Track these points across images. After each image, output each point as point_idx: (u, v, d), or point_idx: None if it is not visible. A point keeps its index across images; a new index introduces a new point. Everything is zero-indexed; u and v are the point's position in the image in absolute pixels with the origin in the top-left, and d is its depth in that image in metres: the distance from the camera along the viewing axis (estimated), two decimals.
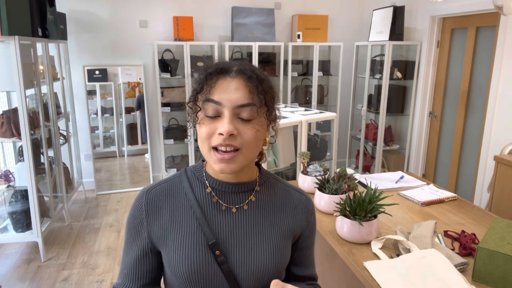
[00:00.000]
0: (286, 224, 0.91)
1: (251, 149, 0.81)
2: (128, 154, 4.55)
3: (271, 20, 4.25)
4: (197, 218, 0.85)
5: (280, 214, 0.91)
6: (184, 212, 0.86)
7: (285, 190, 0.95)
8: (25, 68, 2.65)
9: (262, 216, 0.89)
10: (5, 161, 3.41)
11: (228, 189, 0.88)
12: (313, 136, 3.35)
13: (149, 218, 0.86)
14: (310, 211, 0.96)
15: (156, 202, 0.87)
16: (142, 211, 0.86)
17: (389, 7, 3.89)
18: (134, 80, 4.29)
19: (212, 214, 0.86)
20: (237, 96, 0.78)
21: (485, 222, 1.65)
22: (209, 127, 0.80)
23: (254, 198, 0.90)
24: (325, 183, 1.74)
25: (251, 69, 0.82)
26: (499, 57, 2.85)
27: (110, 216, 3.68)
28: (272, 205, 0.91)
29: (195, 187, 0.89)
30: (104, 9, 4.02)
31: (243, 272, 0.84)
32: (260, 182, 0.92)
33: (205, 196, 0.88)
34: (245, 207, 0.89)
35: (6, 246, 3.11)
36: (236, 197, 0.89)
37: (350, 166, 4.86)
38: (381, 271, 1.25)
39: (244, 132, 0.79)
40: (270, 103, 0.83)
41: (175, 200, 0.87)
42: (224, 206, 0.87)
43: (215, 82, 0.80)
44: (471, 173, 3.37)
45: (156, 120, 4.33)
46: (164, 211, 0.86)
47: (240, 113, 0.79)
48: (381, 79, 3.99)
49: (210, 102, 0.79)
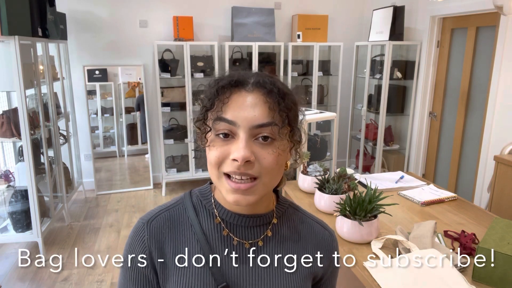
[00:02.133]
0: (307, 264, 0.78)
1: (271, 176, 0.68)
2: (128, 154, 4.55)
3: (271, 20, 4.25)
4: (204, 255, 0.72)
5: (299, 252, 0.78)
6: (189, 248, 0.73)
7: (305, 223, 0.82)
8: (25, 68, 2.65)
9: (279, 254, 0.77)
10: (5, 161, 3.41)
11: (241, 222, 0.75)
12: (313, 136, 3.35)
13: (153, 254, 0.72)
14: (335, 250, 0.83)
15: (158, 235, 0.73)
16: (144, 246, 0.72)
17: (389, 7, 3.89)
18: (134, 80, 4.29)
19: (221, 251, 0.73)
20: (255, 114, 0.65)
21: (485, 222, 1.65)
22: (220, 151, 0.66)
23: (270, 233, 0.77)
24: (325, 183, 1.74)
25: (271, 81, 0.68)
26: (499, 57, 2.85)
27: (110, 216, 3.68)
28: (291, 240, 0.78)
29: (202, 217, 0.75)
30: (104, 9, 4.02)
31: None
32: (277, 214, 0.79)
33: (213, 228, 0.75)
34: (260, 243, 0.76)
35: (6, 246, 3.11)
36: (250, 232, 0.75)
37: (350, 166, 4.86)
38: (381, 271, 1.25)
39: (263, 157, 0.66)
40: (294, 122, 0.70)
41: (178, 233, 0.74)
42: (235, 241, 0.74)
43: (229, 97, 0.67)
44: (471, 173, 3.37)
45: (156, 120, 4.32)
46: (167, 246, 0.73)
47: (259, 134, 0.66)
48: (381, 79, 3.99)
49: (222, 121, 0.66)
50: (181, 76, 4.14)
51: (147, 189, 4.39)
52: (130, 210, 3.83)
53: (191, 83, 4.07)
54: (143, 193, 4.28)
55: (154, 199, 4.09)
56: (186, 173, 4.29)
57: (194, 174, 4.28)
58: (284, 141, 0.69)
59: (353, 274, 1.61)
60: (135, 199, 4.12)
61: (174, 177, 4.26)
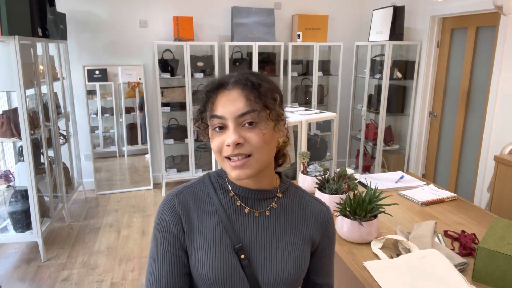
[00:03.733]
0: (306, 231, 0.93)
1: (262, 152, 0.83)
2: (128, 154, 4.55)
3: (271, 20, 4.25)
4: (223, 222, 0.88)
5: (300, 222, 0.94)
6: (209, 216, 0.89)
7: (305, 199, 0.98)
8: (25, 68, 2.65)
9: (283, 223, 0.92)
10: (5, 161, 3.41)
11: (250, 195, 0.90)
12: (313, 136, 3.35)
13: (183, 220, 0.87)
14: (330, 222, 0.98)
15: (186, 205, 0.89)
16: (176, 212, 0.87)
17: (389, 7, 3.89)
18: (134, 80, 4.29)
19: (236, 218, 0.89)
20: (237, 107, 0.82)
21: (485, 222, 1.65)
22: (218, 140, 0.84)
23: (275, 205, 0.92)
24: (325, 183, 1.74)
25: (246, 77, 0.84)
26: (499, 57, 2.85)
27: (110, 216, 3.68)
28: (293, 212, 0.94)
29: (219, 192, 0.92)
30: (104, 9, 4.02)
31: (265, 276, 0.86)
32: (281, 190, 0.95)
33: (228, 200, 0.90)
34: (267, 212, 0.91)
35: (6, 246, 3.11)
36: (258, 203, 0.91)
37: (350, 166, 4.86)
38: (381, 271, 1.25)
39: (251, 138, 0.82)
40: (271, 104, 0.84)
41: (201, 204, 0.90)
42: (247, 209, 0.90)
43: (216, 98, 0.84)
44: (471, 173, 3.37)
45: (156, 120, 4.33)
46: (192, 214, 0.88)
47: (244, 121, 0.82)
48: (381, 79, 3.99)
49: (214, 118, 0.83)
50: (181, 76, 4.14)
51: (147, 189, 4.39)
52: (130, 210, 3.83)
53: (191, 83, 4.07)
54: (143, 193, 4.28)
55: (154, 199, 4.10)
56: (186, 173, 4.29)
57: (194, 174, 4.28)
58: (266, 122, 0.84)
59: (353, 274, 1.61)
60: (135, 199, 4.12)
61: (174, 177, 4.26)
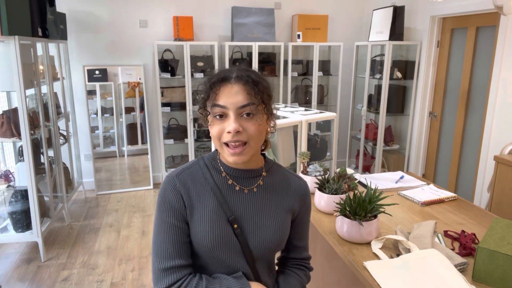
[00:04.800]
0: (287, 203, 1.10)
1: (256, 140, 0.99)
2: (128, 154, 4.54)
3: (271, 20, 4.25)
4: (217, 198, 1.02)
5: (282, 195, 1.10)
6: (206, 193, 1.03)
7: (286, 175, 1.14)
8: (25, 68, 2.65)
9: (268, 197, 1.08)
10: (5, 161, 3.41)
11: (239, 175, 1.06)
12: (313, 136, 3.35)
13: (184, 196, 1.01)
14: (306, 193, 1.15)
15: (185, 184, 1.02)
16: (177, 190, 1.01)
17: (389, 7, 3.89)
18: (134, 80, 4.29)
19: (228, 194, 1.04)
20: (238, 99, 0.95)
21: (485, 222, 1.65)
22: (218, 127, 0.97)
23: (261, 182, 1.08)
24: (325, 183, 1.74)
25: (247, 74, 0.97)
26: (499, 57, 2.85)
27: (110, 216, 3.68)
28: (276, 188, 1.10)
29: (213, 173, 1.06)
30: (104, 9, 4.02)
31: (255, 242, 1.03)
32: (266, 169, 1.11)
33: (221, 180, 1.05)
34: (254, 189, 1.07)
35: (6, 246, 3.11)
36: (247, 181, 1.07)
37: (350, 166, 4.86)
38: (381, 271, 1.25)
39: (249, 128, 0.96)
40: (266, 100, 1.00)
41: (198, 183, 1.04)
42: (238, 187, 1.05)
43: (219, 89, 0.96)
44: (471, 173, 3.37)
45: (156, 120, 4.33)
46: (191, 192, 1.02)
47: (243, 112, 0.96)
48: (381, 79, 3.99)
49: (217, 107, 0.96)
50: (181, 76, 4.14)
51: (147, 189, 4.39)
52: (130, 210, 3.83)
53: (191, 83, 4.07)
54: (143, 193, 4.28)
55: (154, 199, 4.09)
56: None
57: None
58: (261, 114, 0.99)
59: (353, 274, 1.61)
60: (135, 199, 4.12)
61: None
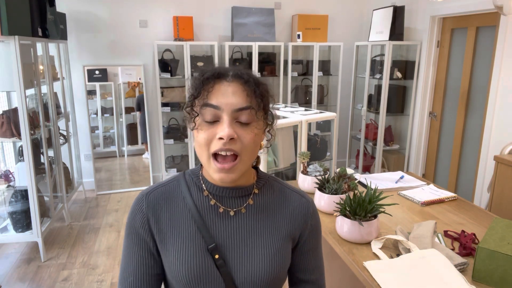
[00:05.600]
0: (285, 227, 0.90)
1: (249, 153, 0.80)
2: (128, 154, 4.55)
3: (271, 20, 4.25)
4: (196, 222, 0.85)
5: (278, 217, 0.90)
6: (182, 216, 0.86)
7: (284, 192, 0.93)
8: (25, 68, 2.65)
9: (260, 220, 0.88)
10: (5, 161, 3.41)
11: (225, 194, 0.87)
12: (313, 136, 3.35)
13: (151, 221, 0.85)
14: (310, 214, 0.93)
15: (155, 206, 0.86)
16: (143, 213, 0.85)
17: (389, 7, 3.89)
18: (134, 80, 4.29)
19: (210, 218, 0.86)
20: (235, 100, 0.78)
21: (485, 222, 1.65)
22: (207, 133, 0.79)
23: (252, 202, 0.89)
24: (325, 183, 1.74)
25: (247, 73, 0.81)
26: (499, 57, 2.85)
27: (110, 216, 3.68)
28: (270, 208, 0.90)
29: (193, 191, 0.88)
30: (104, 9, 4.02)
31: (241, 276, 0.84)
32: (258, 185, 0.91)
33: (202, 200, 0.87)
34: (243, 210, 0.88)
35: (6, 246, 3.11)
36: (234, 201, 0.88)
37: (350, 166, 4.86)
38: (381, 271, 1.25)
39: (243, 136, 0.79)
40: (267, 106, 0.83)
41: (173, 204, 0.87)
42: (221, 209, 0.87)
43: (212, 86, 0.79)
44: (471, 173, 3.37)
45: (156, 120, 4.33)
46: (163, 215, 0.86)
47: (239, 116, 0.78)
48: (381, 79, 3.99)
49: (208, 107, 0.78)
50: (181, 76, 4.14)
51: None
52: None
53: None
54: None
55: None
56: None
57: None
58: (260, 122, 0.82)
59: (353, 274, 1.61)
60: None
61: None
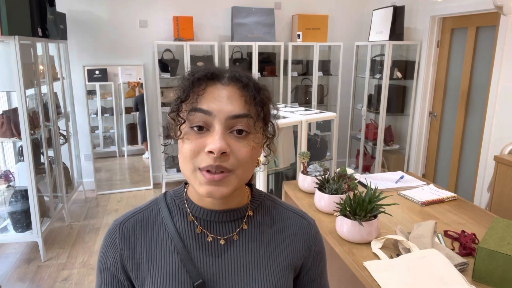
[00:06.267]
0: (285, 255, 0.77)
1: (244, 169, 0.67)
2: (128, 154, 4.55)
3: (271, 20, 4.25)
4: (179, 254, 0.71)
5: (277, 244, 0.77)
6: (163, 247, 0.72)
7: (282, 214, 0.80)
8: (25, 68, 2.65)
9: (256, 248, 0.75)
10: (5, 161, 3.41)
11: (214, 218, 0.73)
12: (313, 136, 3.35)
13: (125, 256, 0.72)
14: (313, 238, 0.80)
15: (131, 237, 0.73)
16: (116, 248, 0.72)
17: (389, 7, 3.89)
18: (134, 80, 4.29)
19: (196, 249, 0.72)
20: (230, 106, 0.65)
21: (485, 222, 1.65)
22: (195, 144, 0.65)
23: (246, 226, 0.75)
24: (325, 183, 1.74)
25: (246, 75, 0.69)
26: (499, 57, 2.85)
27: (110, 216, 3.68)
28: (267, 233, 0.77)
29: (175, 216, 0.74)
30: (104, 9, 4.02)
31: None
32: (252, 206, 0.78)
33: (186, 226, 0.73)
34: (235, 237, 0.74)
35: (6, 246, 3.11)
36: (224, 227, 0.74)
37: (350, 166, 4.86)
38: (381, 271, 1.25)
39: (238, 150, 0.65)
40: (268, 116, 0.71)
41: (153, 233, 0.73)
42: (210, 238, 0.73)
43: (204, 89, 0.67)
44: (471, 173, 3.37)
45: (156, 120, 4.32)
46: (140, 247, 0.72)
47: (234, 126, 0.65)
48: (381, 79, 3.99)
49: (197, 112, 0.65)
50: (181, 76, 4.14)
51: (147, 189, 4.39)
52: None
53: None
54: (143, 193, 4.28)
55: None
56: None
57: None
58: (258, 134, 0.69)
59: (353, 274, 1.61)
60: (135, 199, 4.12)
61: (174, 177, 4.26)
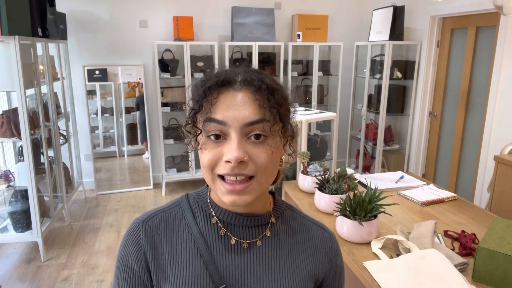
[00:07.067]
0: (306, 266, 0.76)
1: (267, 174, 0.67)
2: (128, 154, 4.55)
3: (271, 20, 4.25)
4: (202, 256, 0.70)
5: (299, 255, 0.76)
6: (186, 249, 0.71)
7: (304, 225, 0.80)
8: (25, 68, 2.65)
9: (278, 256, 0.74)
10: (5, 161, 3.41)
11: (238, 222, 0.73)
12: (313, 136, 3.35)
13: (148, 255, 0.71)
14: (334, 251, 0.80)
15: (154, 236, 0.72)
16: (139, 245, 0.71)
17: (389, 7, 3.89)
18: (134, 80, 4.29)
19: (219, 251, 0.71)
20: (245, 113, 0.64)
21: (485, 222, 1.65)
22: (212, 153, 0.65)
23: (269, 233, 0.75)
24: (325, 183, 1.74)
25: (259, 78, 0.66)
26: (499, 57, 2.85)
27: (110, 216, 3.68)
28: (289, 242, 0.77)
29: (199, 218, 0.74)
30: (104, 9, 4.02)
31: None
32: (275, 214, 0.77)
33: (210, 229, 0.73)
34: (258, 243, 0.74)
35: (6, 246, 3.11)
36: (248, 231, 0.74)
37: (350, 166, 4.86)
38: (381, 271, 1.25)
39: (257, 156, 0.64)
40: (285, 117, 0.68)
41: (175, 234, 0.73)
42: (233, 240, 0.73)
43: (217, 97, 0.65)
44: (471, 173, 3.37)
45: (156, 120, 4.33)
46: (162, 248, 0.71)
47: (250, 132, 0.64)
48: (381, 79, 3.99)
49: (212, 122, 0.64)
50: (181, 76, 4.14)
51: (147, 189, 4.39)
52: (130, 210, 3.83)
53: (191, 83, 4.07)
54: (143, 193, 4.28)
55: (154, 199, 4.09)
56: (186, 173, 4.29)
57: (194, 174, 4.28)
58: (277, 137, 0.67)
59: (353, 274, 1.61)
60: (135, 199, 4.12)
61: (174, 177, 4.26)
